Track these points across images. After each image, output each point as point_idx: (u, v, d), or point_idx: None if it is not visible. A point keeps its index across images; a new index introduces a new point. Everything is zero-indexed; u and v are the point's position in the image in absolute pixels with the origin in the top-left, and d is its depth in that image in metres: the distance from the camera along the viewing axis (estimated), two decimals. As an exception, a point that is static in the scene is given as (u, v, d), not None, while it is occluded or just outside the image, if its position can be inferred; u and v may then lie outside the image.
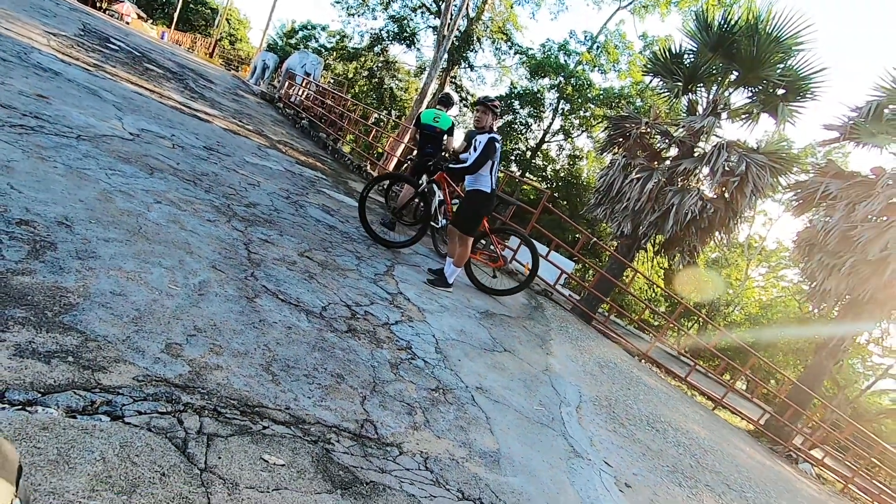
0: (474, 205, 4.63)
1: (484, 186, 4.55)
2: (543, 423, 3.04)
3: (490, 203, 4.65)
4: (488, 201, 4.61)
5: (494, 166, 4.56)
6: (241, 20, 44.78)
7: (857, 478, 9.49)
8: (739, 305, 23.91)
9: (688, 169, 9.88)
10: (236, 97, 12.92)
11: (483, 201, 4.60)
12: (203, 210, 3.68)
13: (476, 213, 4.65)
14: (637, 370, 6.40)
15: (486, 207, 4.65)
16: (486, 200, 4.60)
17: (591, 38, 18.99)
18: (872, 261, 8.70)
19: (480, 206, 4.62)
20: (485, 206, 4.63)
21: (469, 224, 4.67)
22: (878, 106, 9.58)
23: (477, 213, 4.65)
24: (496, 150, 4.46)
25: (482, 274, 5.70)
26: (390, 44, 20.45)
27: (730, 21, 9.74)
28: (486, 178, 4.54)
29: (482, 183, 4.56)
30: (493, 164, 4.52)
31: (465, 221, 4.67)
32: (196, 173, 4.52)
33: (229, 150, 6.28)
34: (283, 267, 3.39)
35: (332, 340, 2.69)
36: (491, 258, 5.44)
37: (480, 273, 5.66)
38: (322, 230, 4.75)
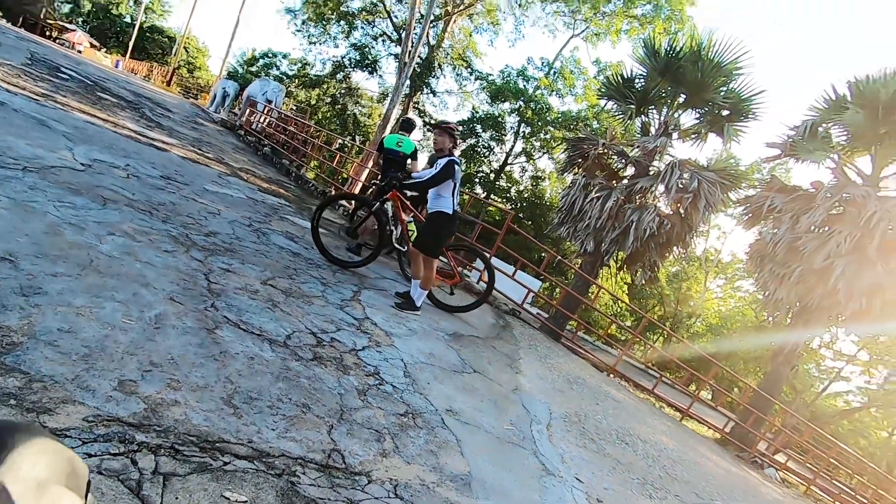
0: (436, 226, 4.68)
1: (445, 208, 4.61)
2: (514, 443, 3.04)
3: (452, 224, 4.71)
4: (450, 223, 4.67)
5: (455, 188, 4.63)
6: (200, 48, 44.35)
7: (818, 479, 9.83)
8: (701, 317, 24.72)
9: (644, 187, 10.27)
10: (195, 125, 12.70)
11: (445, 223, 4.65)
12: (160, 241, 3.58)
13: (438, 235, 4.68)
14: (605, 385, 6.49)
15: (448, 229, 4.70)
16: (448, 222, 4.65)
17: (548, 65, 19.76)
18: (817, 269, 9.19)
19: (442, 227, 4.66)
20: (447, 227, 4.68)
21: (432, 246, 4.69)
22: (814, 124, 10.30)
23: (439, 235, 4.68)
24: (455, 172, 4.55)
25: (439, 291, 5.71)
26: (352, 71, 20.70)
27: (675, 48, 10.34)
28: (448, 200, 4.61)
29: (443, 205, 4.62)
30: (454, 185, 4.60)
31: (428, 243, 4.70)
32: (152, 203, 4.39)
33: (188, 178, 6.15)
34: (246, 296, 3.31)
35: (296, 369, 2.64)
36: (447, 276, 5.44)
37: (438, 291, 5.66)
38: (286, 257, 4.68)
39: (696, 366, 20.12)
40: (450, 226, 4.68)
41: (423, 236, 4.75)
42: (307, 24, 19.83)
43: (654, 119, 11.31)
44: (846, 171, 10.04)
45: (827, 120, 10.30)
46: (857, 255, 8.87)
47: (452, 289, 5.76)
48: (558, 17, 19.90)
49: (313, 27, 19.89)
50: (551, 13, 19.89)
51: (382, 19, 20.36)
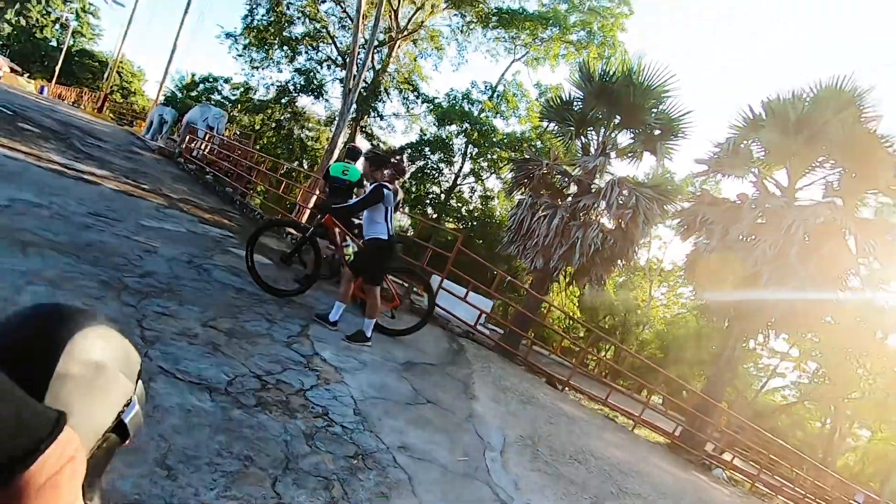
0: (372, 253, 4.68)
1: (380, 234, 4.61)
2: (468, 475, 3.04)
3: (389, 250, 4.73)
4: (387, 248, 4.68)
5: (389, 213, 4.65)
6: (135, 72, 42.63)
7: (761, 475, 10.36)
8: (648, 324, 25.77)
9: (587, 204, 10.70)
10: (130, 155, 12.13)
11: (381, 248, 4.65)
12: (87, 287, 3.37)
13: (376, 261, 4.68)
14: (559, 402, 6.62)
15: (385, 254, 4.71)
16: (385, 247, 4.66)
17: (492, 88, 20.40)
18: (748, 276, 9.85)
19: (379, 253, 4.67)
20: (384, 253, 4.69)
21: (371, 273, 4.68)
22: (735, 141, 11.15)
23: (377, 261, 4.69)
24: (385, 196, 4.55)
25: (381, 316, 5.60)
26: (298, 95, 20.49)
27: (608, 72, 10.96)
28: (382, 226, 4.61)
29: (378, 231, 4.62)
30: (387, 210, 4.61)
31: (367, 270, 4.69)
32: (79, 245, 4.14)
33: (121, 214, 5.84)
34: (184, 341, 3.17)
35: (238, 418, 2.54)
36: (387, 299, 5.39)
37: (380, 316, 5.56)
38: (229, 294, 4.52)
39: (646, 372, 20.92)
40: (387, 251, 4.71)
41: (362, 264, 4.73)
42: (249, 49, 19.54)
43: (592, 139, 11.86)
44: (766, 185, 10.90)
45: (746, 137, 11.18)
46: (781, 261, 9.59)
47: (393, 312, 5.70)
48: (499, 43, 20.65)
49: (255, 52, 19.63)
50: (492, 39, 20.63)
51: (327, 44, 20.39)
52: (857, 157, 9.70)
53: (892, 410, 20.63)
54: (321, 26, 20.01)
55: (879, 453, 25.39)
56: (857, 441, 28.03)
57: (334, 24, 20.40)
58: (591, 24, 18.68)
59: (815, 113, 9.91)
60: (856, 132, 9.56)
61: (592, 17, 18.65)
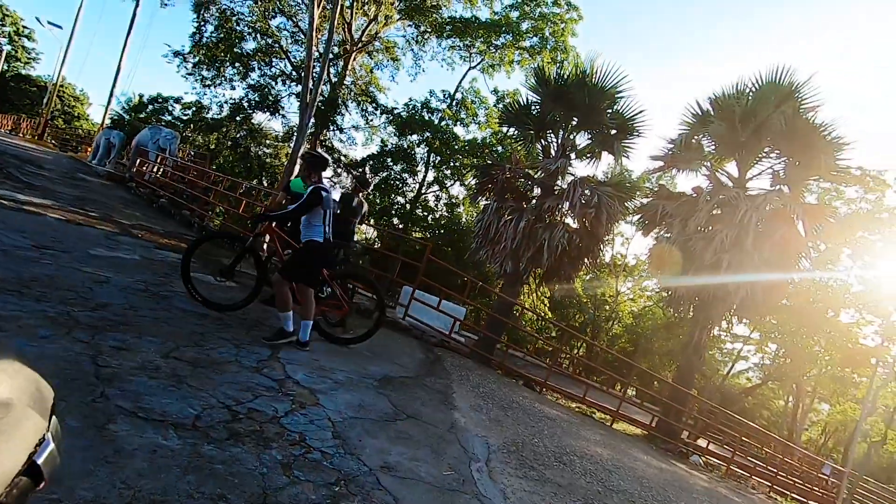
0: (308, 255, 4.59)
1: (316, 236, 4.55)
2: (455, 489, 2.97)
3: (325, 252, 4.66)
4: (323, 251, 4.61)
5: (328, 216, 4.59)
6: (78, 96, 40.79)
7: (735, 457, 10.68)
8: (617, 319, 26.34)
9: (551, 206, 10.83)
10: (76, 182, 11.52)
11: (316, 251, 4.57)
12: (33, 325, 3.13)
13: (310, 263, 4.58)
14: (539, 404, 6.62)
15: (320, 256, 4.63)
16: (320, 250, 4.59)
17: (450, 96, 20.52)
18: (708, 265, 10.19)
19: (314, 255, 4.58)
20: (319, 255, 4.61)
21: (302, 273, 4.56)
22: (686, 137, 11.57)
23: (311, 263, 4.59)
24: (322, 198, 4.49)
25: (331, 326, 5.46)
26: (253, 112, 20.01)
27: (563, 76, 11.19)
28: (319, 229, 4.55)
29: (314, 233, 4.55)
30: (325, 213, 4.56)
31: (297, 270, 4.56)
32: (23, 280, 3.86)
33: (68, 244, 5.50)
34: (144, 376, 2.97)
35: (209, 454, 2.38)
36: (336, 307, 5.26)
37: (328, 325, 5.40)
38: (191, 322, 4.31)
39: (619, 366, 21.33)
40: (323, 253, 4.63)
41: (295, 265, 4.61)
42: (199, 67, 18.97)
43: (552, 142, 12.06)
44: (719, 177, 11.35)
45: (697, 132, 11.62)
46: (738, 249, 9.97)
47: (343, 320, 5.55)
48: (455, 51, 20.83)
49: (206, 70, 19.06)
50: (447, 47, 20.79)
51: (280, 59, 20.05)
52: (799, 146, 10.23)
53: (847, 383, 21.78)
54: (273, 41, 19.68)
55: (838, 425, 26.76)
56: (818, 416, 29.45)
57: (287, 39, 20.13)
58: (543, 29, 19.11)
59: (759, 106, 10.41)
60: (796, 123, 10.09)
61: (543, 24, 19.08)
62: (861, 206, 17.93)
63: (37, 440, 0.36)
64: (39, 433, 0.36)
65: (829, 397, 24.02)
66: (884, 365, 18.06)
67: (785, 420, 25.45)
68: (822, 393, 23.85)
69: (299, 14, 19.40)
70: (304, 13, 19.02)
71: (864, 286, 18.67)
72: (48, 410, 0.39)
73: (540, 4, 19.33)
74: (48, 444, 0.37)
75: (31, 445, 0.36)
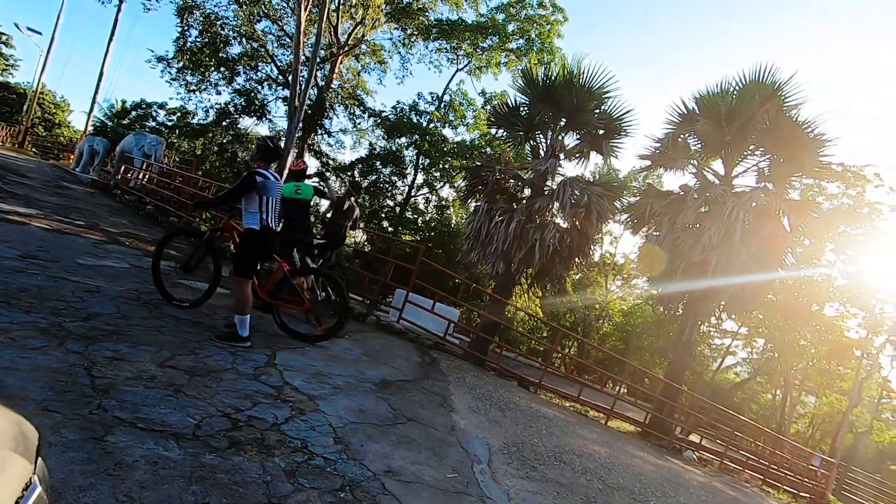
0: (244, 244, 4.42)
1: (252, 223, 4.36)
2: (459, 491, 2.96)
3: (263, 241, 4.43)
4: (260, 239, 4.40)
5: (267, 202, 4.41)
6: (58, 102, 40.06)
7: (728, 452, 10.80)
8: (607, 318, 26.53)
9: (542, 206, 10.88)
10: (59, 190, 11.32)
11: (252, 239, 4.39)
12: (24, 337, 3.06)
13: (246, 252, 4.40)
14: (535, 403, 6.64)
15: (258, 245, 4.42)
16: (257, 238, 4.39)
17: (438, 98, 20.53)
18: (697, 263, 10.31)
19: (251, 244, 4.40)
20: (256, 244, 4.40)
21: (239, 265, 4.39)
22: (673, 136, 11.71)
23: (247, 252, 4.40)
24: (256, 183, 4.31)
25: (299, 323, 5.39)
26: (239, 117, 19.81)
27: (550, 77, 11.25)
28: (255, 216, 4.36)
29: (251, 220, 4.37)
30: (261, 199, 4.37)
31: (236, 261, 4.45)
32: (11, 292, 3.77)
33: (55, 254, 5.40)
34: (140, 386, 2.92)
35: (211, 463, 2.35)
36: (297, 303, 5.09)
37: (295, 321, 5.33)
38: (185, 330, 4.25)
39: (611, 364, 21.48)
40: (260, 242, 4.41)
41: (235, 256, 4.50)
42: (184, 72, 18.74)
43: (541, 142, 12.12)
44: (706, 175, 11.50)
45: (683, 131, 11.77)
46: (726, 246, 10.10)
47: (308, 316, 5.39)
48: (442, 54, 20.85)
49: (190, 75, 18.82)
50: (434, 50, 20.79)
51: (266, 63, 19.88)
52: (783, 143, 10.41)
53: (833, 376, 22.16)
54: (259, 45, 19.51)
55: (825, 416, 27.22)
56: (806, 408, 29.93)
57: (273, 43, 19.97)
58: (529, 31, 19.21)
59: (743, 104, 10.57)
60: (780, 121, 10.27)
61: (529, 26, 19.18)
62: (843, 201, 18.29)
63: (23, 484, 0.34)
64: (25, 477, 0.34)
65: (816, 390, 24.41)
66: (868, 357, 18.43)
67: (773, 413, 25.83)
68: (809, 386, 24.23)
69: (285, 18, 19.28)
70: (290, 17, 18.92)
71: (847, 280, 19.04)
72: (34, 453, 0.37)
73: (525, 6, 19.44)
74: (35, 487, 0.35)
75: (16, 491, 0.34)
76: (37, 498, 0.32)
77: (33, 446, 0.35)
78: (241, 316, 4.31)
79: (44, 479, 0.34)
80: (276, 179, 4.49)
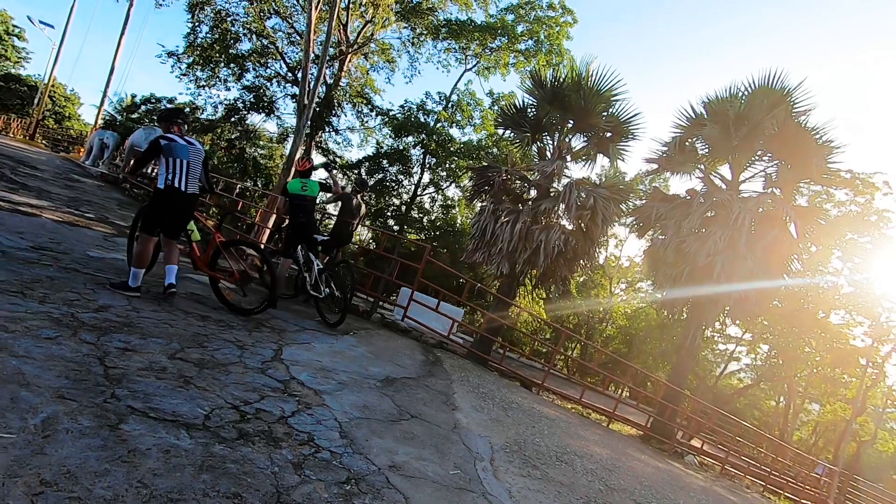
0: (149, 202, 4.68)
1: (159, 184, 4.56)
2: (462, 487, 3.00)
3: (166, 200, 4.55)
4: (163, 199, 4.54)
5: (174, 164, 4.54)
6: (69, 96, 40.42)
7: (730, 457, 10.78)
8: (611, 321, 26.49)
9: (547, 208, 10.91)
10: (70, 182, 11.44)
11: (155, 198, 4.57)
12: (38, 327, 3.12)
13: (149, 210, 4.61)
14: (537, 404, 6.67)
15: (159, 204, 4.55)
16: (159, 197, 4.54)
17: (446, 98, 20.59)
18: (702, 267, 10.30)
19: (154, 202, 4.58)
20: (159, 202, 4.55)
21: (143, 222, 4.63)
22: (680, 140, 11.70)
23: (150, 210, 4.60)
24: (161, 146, 4.51)
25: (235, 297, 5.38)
26: (248, 113, 19.93)
27: (559, 79, 11.26)
28: (162, 177, 4.55)
29: (159, 181, 4.57)
30: (168, 161, 4.53)
31: (141, 218, 4.73)
32: (24, 282, 3.84)
33: (67, 246, 5.48)
34: (152, 377, 2.98)
35: (221, 454, 2.40)
36: (229, 273, 5.21)
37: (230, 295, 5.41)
38: (194, 323, 4.31)
39: (614, 367, 21.46)
40: (162, 201, 4.54)
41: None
42: (193, 68, 18.87)
43: (548, 144, 12.14)
44: (713, 179, 11.48)
45: (691, 135, 11.76)
46: (732, 251, 10.09)
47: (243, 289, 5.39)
48: (450, 53, 20.91)
49: (200, 71, 18.96)
50: (443, 50, 20.87)
51: (275, 60, 19.99)
52: (791, 149, 10.39)
53: (838, 384, 22.04)
54: (269, 42, 19.61)
55: (829, 425, 27.05)
56: (809, 415, 29.76)
57: (282, 40, 20.06)
58: (538, 33, 19.22)
59: (751, 110, 10.55)
60: (788, 126, 10.24)
61: (538, 27, 19.20)
62: (851, 208, 18.20)
63: None
64: None
65: (819, 397, 24.29)
66: (873, 365, 18.33)
67: (776, 420, 25.70)
68: (812, 393, 24.12)
69: (295, 15, 19.37)
70: (300, 14, 19.01)
71: (854, 288, 18.93)
72: None
73: (535, 8, 19.46)
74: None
75: None
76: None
77: None
78: (136, 269, 4.52)
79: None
80: (185, 142, 4.66)
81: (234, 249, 5.31)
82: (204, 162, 4.89)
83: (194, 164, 4.70)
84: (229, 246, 5.19)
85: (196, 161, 4.73)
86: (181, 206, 4.63)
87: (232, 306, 5.10)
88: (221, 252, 5.07)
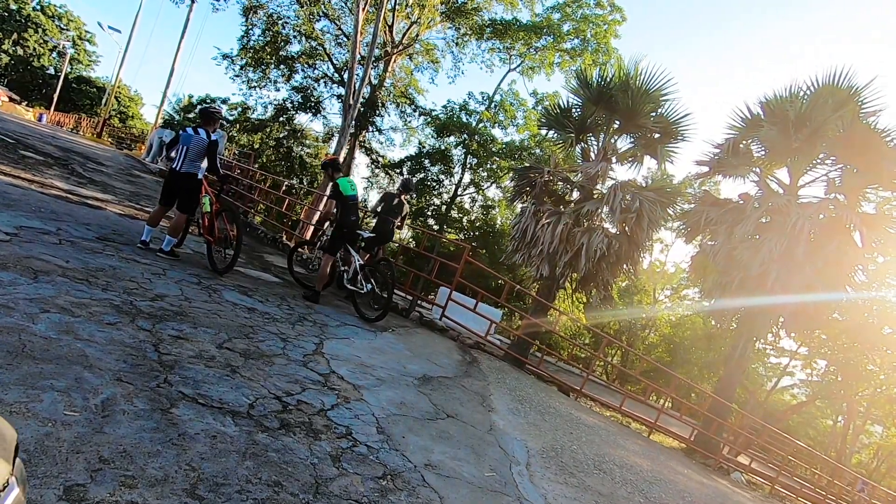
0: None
1: (173, 166, 5.60)
2: (497, 490, 2.97)
3: (172, 179, 5.62)
4: (170, 177, 5.65)
5: (183, 150, 5.53)
6: (132, 97, 42.95)
7: (780, 477, 10.20)
8: (654, 328, 25.63)
9: (591, 210, 10.66)
10: (131, 178, 12.15)
11: (169, 175, 5.69)
12: (101, 312, 3.33)
13: (164, 185, 5.75)
14: (575, 410, 6.53)
15: (168, 181, 5.67)
16: (169, 176, 5.67)
17: (489, 98, 20.53)
18: (755, 276, 9.79)
19: (167, 178, 5.70)
20: (168, 178, 5.68)
21: (160, 196, 5.79)
22: (735, 142, 11.16)
23: (164, 185, 5.74)
24: (181, 137, 5.58)
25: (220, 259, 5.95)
26: (296, 113, 20.57)
27: (605, 78, 10.98)
28: (175, 162, 5.57)
29: (172, 164, 5.62)
30: (180, 148, 5.55)
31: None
32: (90, 270, 4.10)
33: (128, 237, 5.82)
34: (201, 364, 3.11)
35: (264, 442, 2.48)
36: (208, 231, 5.94)
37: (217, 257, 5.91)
38: (241, 314, 4.47)
39: (656, 376, 20.74)
40: (170, 179, 5.65)
41: None
42: (246, 70, 19.66)
43: (592, 145, 11.86)
44: (769, 184, 10.89)
45: (746, 137, 11.19)
46: (788, 259, 9.53)
47: (225, 251, 5.94)
48: (494, 53, 20.82)
49: (252, 72, 19.74)
50: (487, 50, 20.80)
51: (323, 61, 20.52)
52: (858, 152, 9.69)
53: (904, 405, 20.42)
54: (317, 44, 20.15)
55: (894, 448, 25.12)
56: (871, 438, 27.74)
57: (330, 42, 20.58)
58: (585, 31, 18.84)
59: (814, 110, 9.92)
60: (855, 128, 9.57)
61: (585, 25, 18.82)
62: (925, 216, 16.80)
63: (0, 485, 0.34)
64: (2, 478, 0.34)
65: (883, 419, 22.60)
66: (946, 387, 16.87)
67: (833, 441, 24.09)
68: (876, 414, 22.46)
69: (343, 17, 19.82)
70: (348, 16, 19.43)
71: (926, 302, 17.48)
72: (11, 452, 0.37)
73: (582, 6, 19.08)
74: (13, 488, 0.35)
75: None
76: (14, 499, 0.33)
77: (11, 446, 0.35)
78: (170, 237, 5.71)
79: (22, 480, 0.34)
80: (193, 133, 5.57)
81: (224, 215, 6.10)
82: (208, 148, 5.67)
83: (192, 149, 5.56)
84: (221, 212, 6.06)
85: (195, 147, 5.57)
86: (173, 180, 5.66)
87: (213, 265, 5.81)
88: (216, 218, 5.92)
